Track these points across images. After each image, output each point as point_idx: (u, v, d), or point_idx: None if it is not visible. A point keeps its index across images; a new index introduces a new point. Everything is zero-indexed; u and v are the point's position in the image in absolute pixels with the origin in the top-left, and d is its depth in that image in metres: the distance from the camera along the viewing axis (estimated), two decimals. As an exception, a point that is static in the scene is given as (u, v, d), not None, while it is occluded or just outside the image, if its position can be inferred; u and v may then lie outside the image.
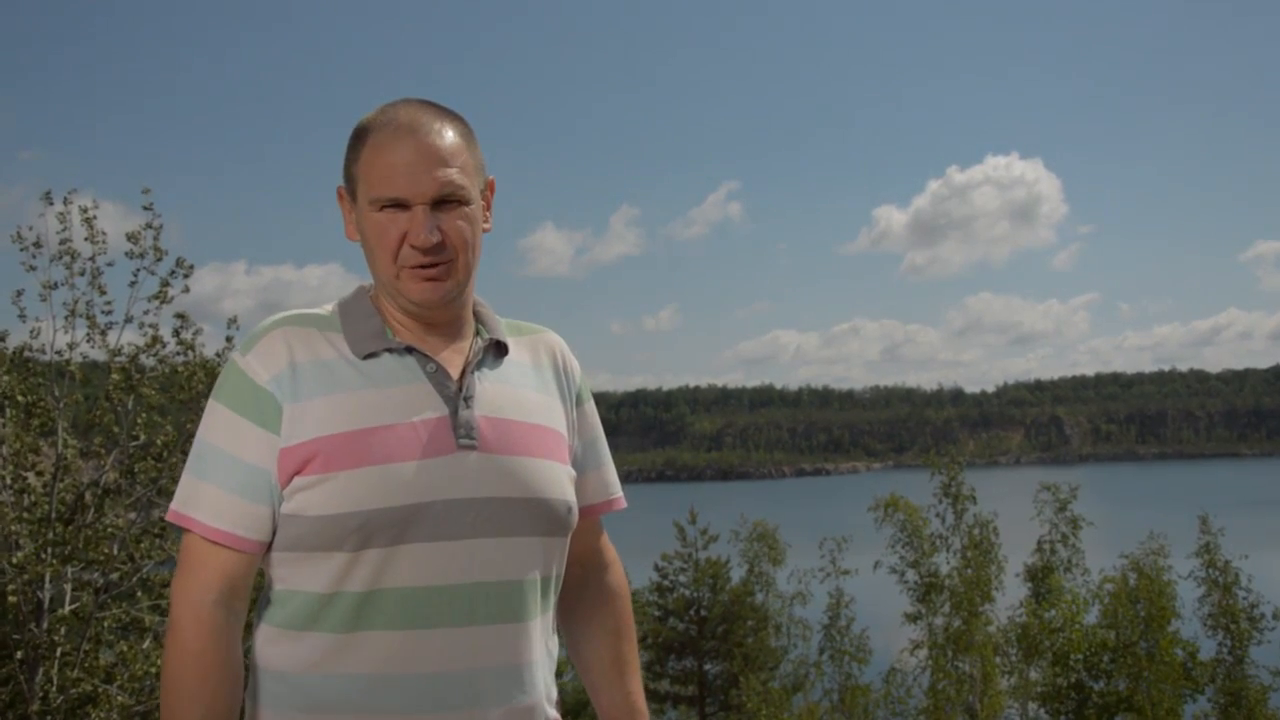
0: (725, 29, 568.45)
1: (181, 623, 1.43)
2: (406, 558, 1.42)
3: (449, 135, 1.50)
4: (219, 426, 1.47)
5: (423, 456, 1.44)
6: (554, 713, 1.57)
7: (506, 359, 1.60)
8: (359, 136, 1.51)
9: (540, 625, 1.53)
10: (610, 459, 1.76)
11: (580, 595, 1.74)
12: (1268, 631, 19.95)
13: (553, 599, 1.58)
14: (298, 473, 1.43)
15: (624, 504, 1.76)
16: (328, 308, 1.57)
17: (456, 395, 1.50)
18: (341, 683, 1.42)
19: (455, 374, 1.53)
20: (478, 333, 1.61)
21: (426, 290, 1.48)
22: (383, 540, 1.41)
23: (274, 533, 1.47)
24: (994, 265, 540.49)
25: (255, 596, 1.59)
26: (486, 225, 1.57)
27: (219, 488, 1.45)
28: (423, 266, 1.47)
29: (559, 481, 1.55)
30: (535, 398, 1.59)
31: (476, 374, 1.54)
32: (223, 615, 1.44)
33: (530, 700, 1.50)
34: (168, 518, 1.51)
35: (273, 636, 1.47)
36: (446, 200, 1.47)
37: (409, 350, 1.52)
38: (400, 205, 1.46)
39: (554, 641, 1.61)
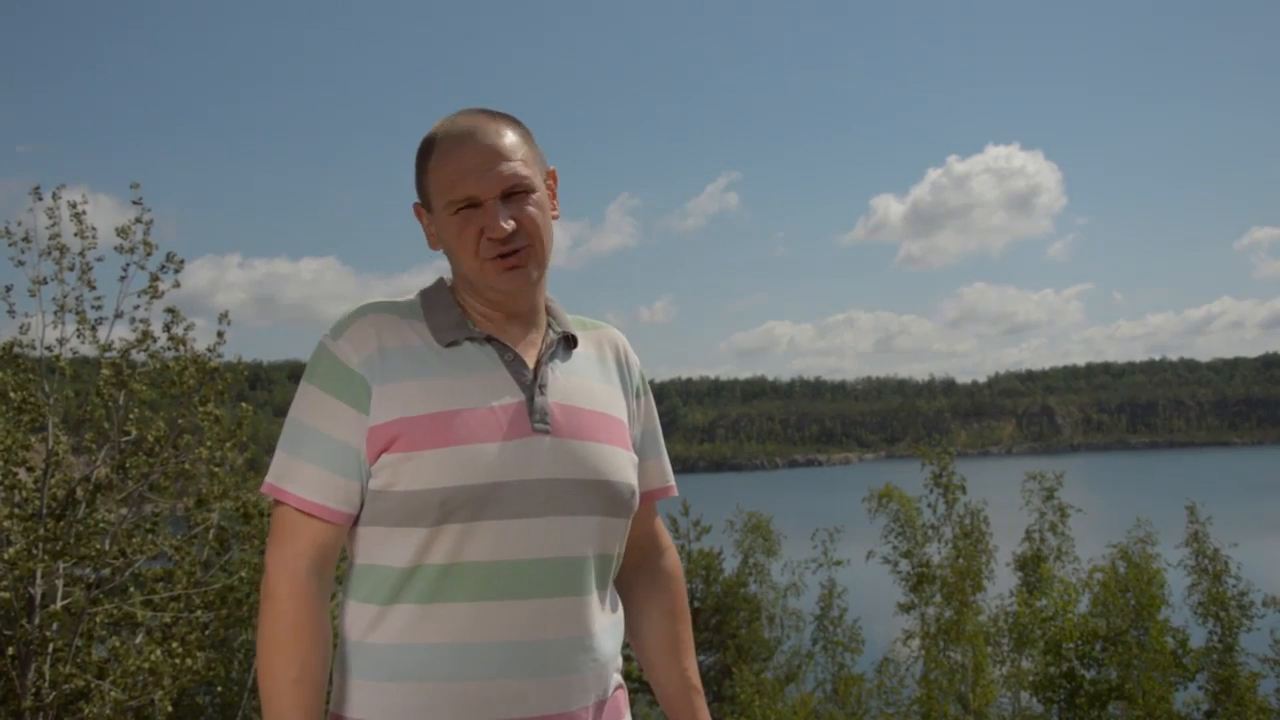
0: (726, 19, 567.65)
1: (277, 588, 1.52)
2: (484, 533, 1.51)
3: (506, 133, 1.60)
4: (311, 406, 1.56)
5: (501, 439, 1.53)
6: (618, 678, 1.68)
7: (575, 351, 1.71)
8: (425, 153, 1.61)
9: (602, 599, 1.63)
10: (665, 449, 1.87)
11: (637, 578, 1.83)
12: (1257, 619, 20.04)
13: (613, 575, 1.68)
14: (385, 450, 1.52)
15: (676, 491, 1.87)
16: (410, 297, 1.66)
17: (532, 383, 1.60)
18: (425, 652, 1.50)
19: (530, 363, 1.62)
20: (549, 326, 1.70)
21: (511, 278, 1.58)
22: (462, 516, 1.50)
23: (360, 507, 1.56)
24: (990, 255, 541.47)
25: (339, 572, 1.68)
26: (555, 212, 1.68)
27: (311, 463, 1.54)
28: (503, 256, 1.56)
29: (624, 466, 1.65)
30: (601, 388, 1.70)
31: (550, 364, 1.64)
32: (315, 582, 1.53)
33: (597, 665, 1.59)
34: (262, 490, 1.59)
35: (358, 610, 1.56)
36: (514, 191, 1.57)
37: (488, 340, 1.61)
38: (473, 204, 1.56)
39: (619, 612, 1.71)
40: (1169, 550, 20.69)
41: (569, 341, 1.70)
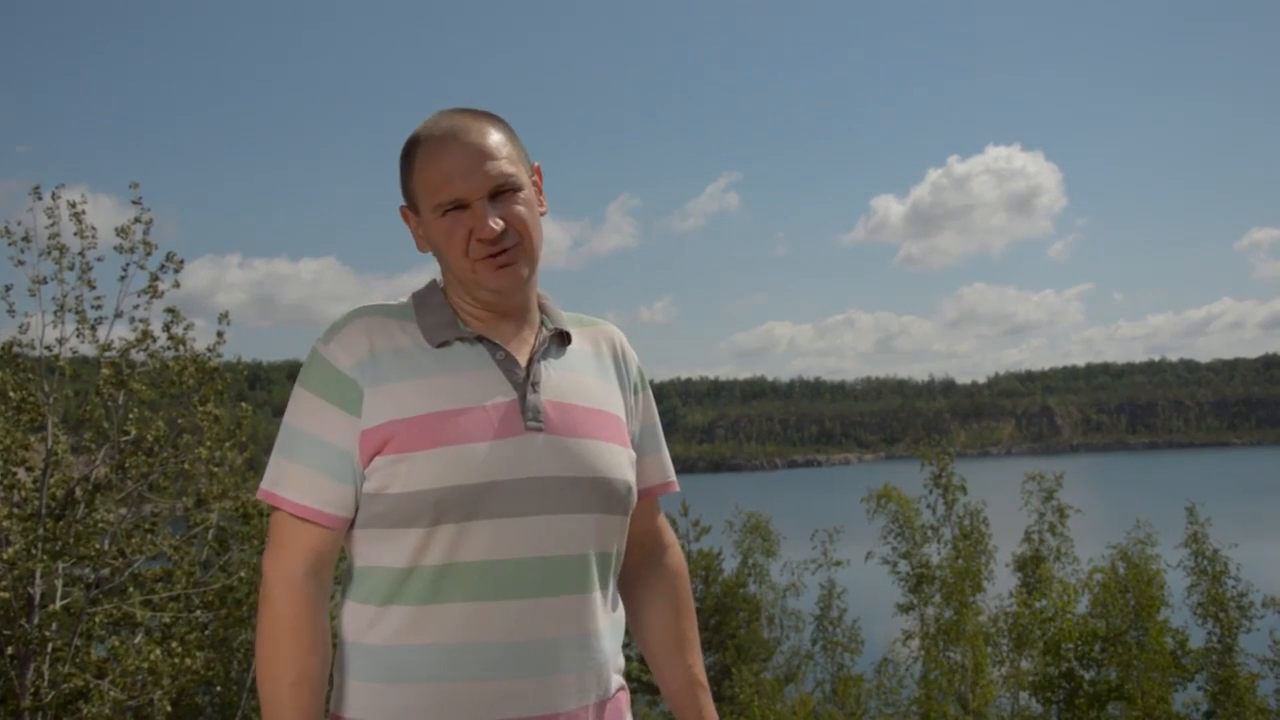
0: (726, 18, 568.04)
1: (275, 592, 1.53)
2: (479, 533, 1.51)
3: (490, 132, 1.59)
4: (304, 410, 1.57)
5: (493, 438, 1.53)
6: (619, 679, 1.67)
7: (570, 348, 1.70)
8: (408, 155, 1.61)
9: (603, 597, 1.62)
10: (665, 445, 1.86)
11: (640, 575, 1.83)
12: (1257, 620, 20.05)
13: (614, 573, 1.66)
14: (377, 453, 1.52)
15: (678, 487, 1.86)
16: (403, 299, 1.66)
17: (524, 381, 1.59)
18: (421, 653, 1.51)
19: (523, 361, 1.62)
20: (543, 323, 1.69)
21: (502, 277, 1.57)
22: (456, 516, 1.50)
23: (356, 511, 1.56)
24: (991, 256, 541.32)
25: (338, 574, 1.70)
26: (542, 209, 1.68)
27: (305, 467, 1.55)
28: (493, 256, 1.56)
29: (619, 463, 1.64)
30: (597, 384, 1.69)
31: (543, 362, 1.63)
32: (312, 585, 1.54)
33: (597, 665, 1.59)
34: (258, 495, 1.60)
35: (356, 611, 1.56)
36: (500, 190, 1.57)
37: (479, 339, 1.61)
38: (460, 206, 1.56)
39: (620, 611, 1.70)
40: (1168, 551, 20.70)
41: (563, 338, 1.70)
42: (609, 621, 1.63)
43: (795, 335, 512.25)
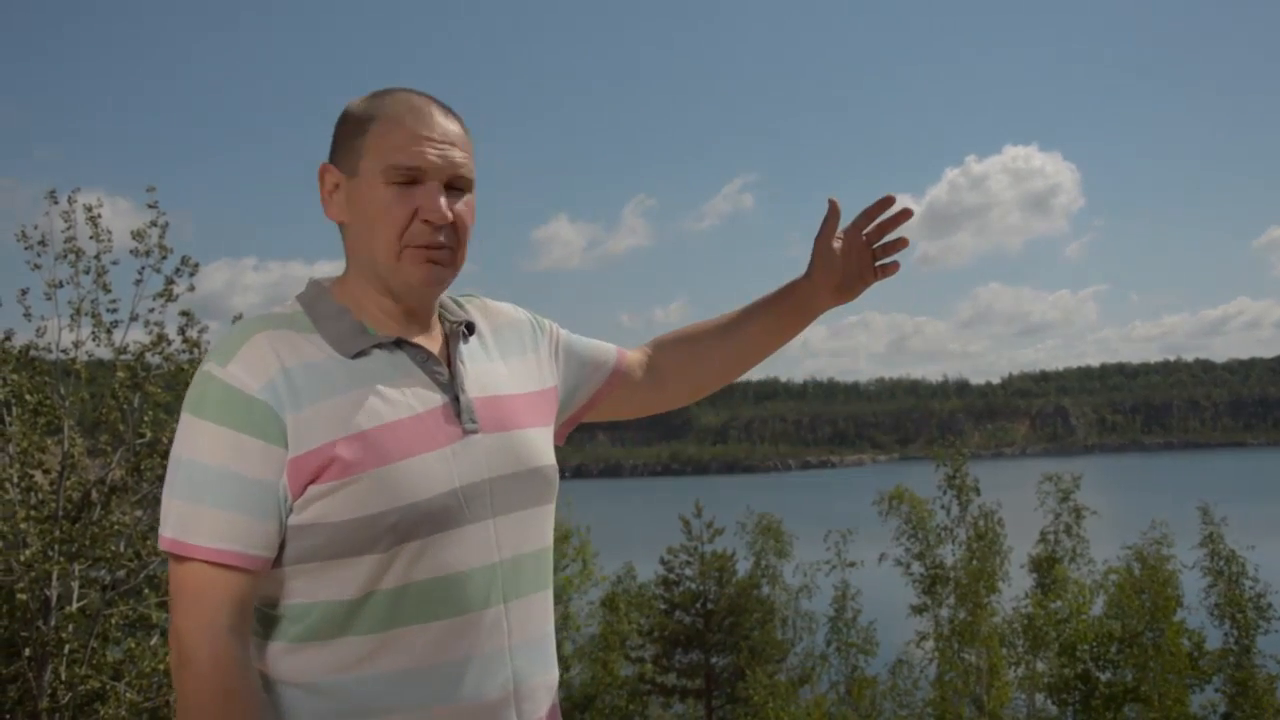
0: (741, 20, 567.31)
1: (198, 658, 1.33)
2: (437, 547, 1.41)
3: (459, 125, 1.50)
4: (211, 444, 1.37)
5: (437, 447, 1.43)
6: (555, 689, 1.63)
7: (473, 335, 1.60)
8: (366, 114, 1.47)
9: (550, 594, 1.56)
10: (593, 339, 1.84)
11: (658, 360, 1.87)
12: (1275, 621, 19.91)
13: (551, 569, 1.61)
14: (312, 481, 1.37)
15: (628, 353, 1.86)
16: (289, 306, 1.50)
17: (451, 381, 1.49)
18: (380, 681, 1.39)
19: (443, 361, 1.52)
20: (441, 316, 1.58)
21: (427, 273, 1.45)
22: (415, 534, 1.39)
23: (280, 547, 1.41)
24: (1006, 256, 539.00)
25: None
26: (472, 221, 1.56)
27: (221, 509, 1.37)
28: (429, 247, 1.44)
29: (547, 449, 1.58)
30: (508, 365, 1.61)
31: (458, 357, 1.53)
32: (237, 643, 1.36)
33: (554, 675, 1.55)
34: (161, 547, 1.40)
35: (292, 649, 1.41)
36: (456, 183, 1.46)
37: (397, 344, 1.48)
38: (413, 181, 1.43)
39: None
40: (1185, 552, 20.58)
41: (468, 328, 1.58)
42: (553, 622, 1.58)
43: (809, 336, 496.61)
